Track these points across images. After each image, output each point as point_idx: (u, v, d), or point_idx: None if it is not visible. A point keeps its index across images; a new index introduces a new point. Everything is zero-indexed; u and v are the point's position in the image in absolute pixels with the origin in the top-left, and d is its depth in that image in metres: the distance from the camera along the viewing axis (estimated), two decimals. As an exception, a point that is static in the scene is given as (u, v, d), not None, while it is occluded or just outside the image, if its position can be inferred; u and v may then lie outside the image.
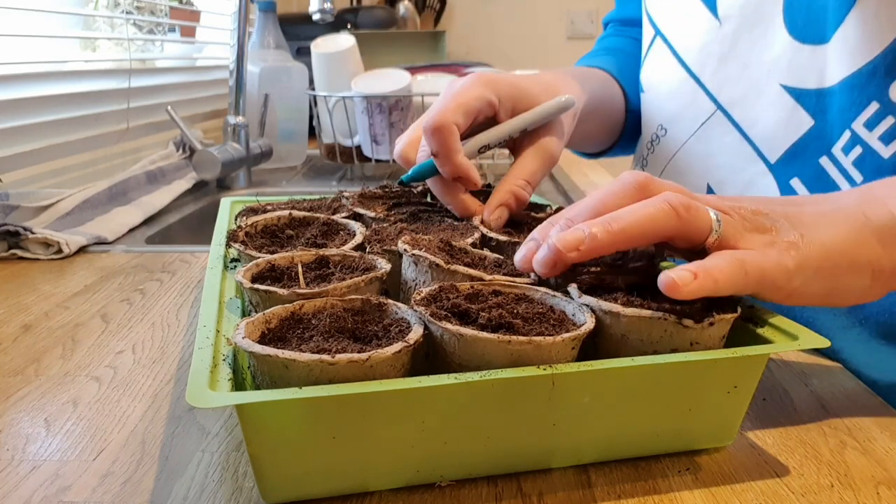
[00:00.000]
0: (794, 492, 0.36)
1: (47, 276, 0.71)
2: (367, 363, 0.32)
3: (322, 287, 0.41)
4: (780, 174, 0.57)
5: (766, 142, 0.58)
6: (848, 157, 0.53)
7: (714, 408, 0.38)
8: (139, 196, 1.02)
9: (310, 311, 0.38)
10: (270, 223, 0.57)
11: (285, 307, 0.38)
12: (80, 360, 0.51)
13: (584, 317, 0.38)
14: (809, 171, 0.55)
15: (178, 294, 0.65)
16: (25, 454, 0.39)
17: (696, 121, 0.64)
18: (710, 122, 0.62)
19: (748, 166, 0.59)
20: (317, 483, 0.34)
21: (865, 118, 0.51)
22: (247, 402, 0.31)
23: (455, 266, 0.43)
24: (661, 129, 0.69)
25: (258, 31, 1.39)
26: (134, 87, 1.22)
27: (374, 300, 0.39)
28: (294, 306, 0.38)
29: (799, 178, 0.56)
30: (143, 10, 1.43)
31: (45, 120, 1.01)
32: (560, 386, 0.34)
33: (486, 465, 0.36)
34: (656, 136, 0.70)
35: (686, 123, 0.65)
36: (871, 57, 0.50)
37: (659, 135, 0.70)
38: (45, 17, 1.13)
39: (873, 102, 0.51)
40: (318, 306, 0.39)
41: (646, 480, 0.36)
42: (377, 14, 2.10)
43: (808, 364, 0.51)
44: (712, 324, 0.37)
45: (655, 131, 0.70)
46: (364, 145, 1.20)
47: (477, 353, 0.34)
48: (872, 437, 0.41)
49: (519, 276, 0.44)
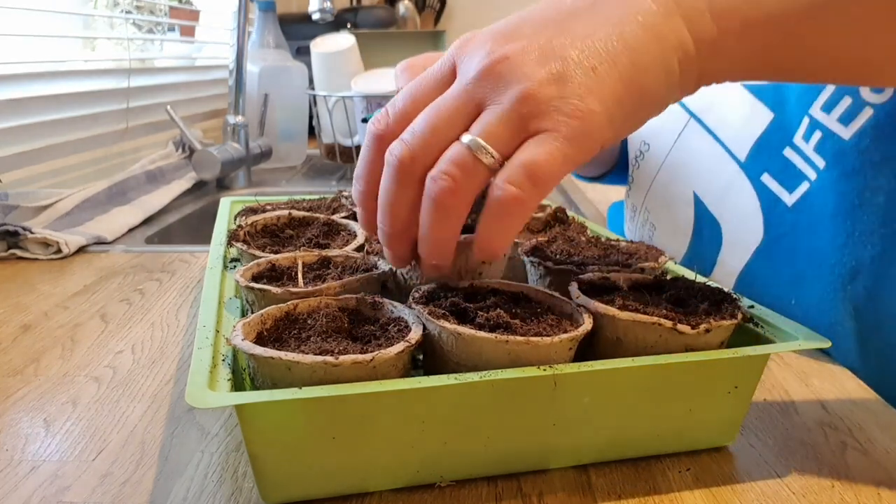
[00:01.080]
0: (794, 492, 0.36)
1: (47, 276, 0.71)
2: (371, 364, 0.32)
3: (315, 286, 0.41)
4: (751, 171, 0.58)
5: (733, 141, 0.59)
6: (809, 143, 0.53)
7: (714, 408, 0.38)
8: (139, 196, 1.02)
9: (304, 311, 0.38)
10: (270, 223, 0.57)
11: (279, 307, 0.38)
12: (80, 360, 0.51)
13: (582, 317, 0.38)
14: (777, 165, 0.56)
15: (177, 294, 0.65)
16: (25, 454, 0.39)
17: (674, 132, 0.65)
18: (686, 130, 0.64)
19: (723, 168, 0.60)
20: (317, 483, 0.34)
21: (822, 101, 0.51)
22: (246, 403, 0.31)
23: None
24: (644, 144, 0.71)
25: (258, 31, 1.39)
26: (133, 87, 1.22)
27: (368, 299, 0.39)
28: (288, 306, 0.38)
29: (769, 172, 0.56)
30: (142, 9, 1.43)
31: (45, 120, 1.00)
32: (561, 386, 0.34)
33: (486, 465, 0.36)
34: (640, 153, 0.71)
35: (666, 136, 0.67)
36: None
37: (643, 150, 0.71)
38: (45, 17, 1.13)
39: (828, 85, 0.51)
40: (313, 306, 0.39)
41: (646, 480, 0.36)
42: (377, 14, 2.10)
43: (808, 364, 0.51)
44: (708, 330, 0.37)
45: (639, 147, 0.71)
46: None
47: (474, 353, 0.34)
48: (873, 437, 0.41)
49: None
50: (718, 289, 0.42)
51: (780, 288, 0.56)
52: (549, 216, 0.61)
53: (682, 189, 0.65)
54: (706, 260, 0.63)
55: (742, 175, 0.58)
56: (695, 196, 0.64)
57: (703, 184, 0.63)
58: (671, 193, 0.67)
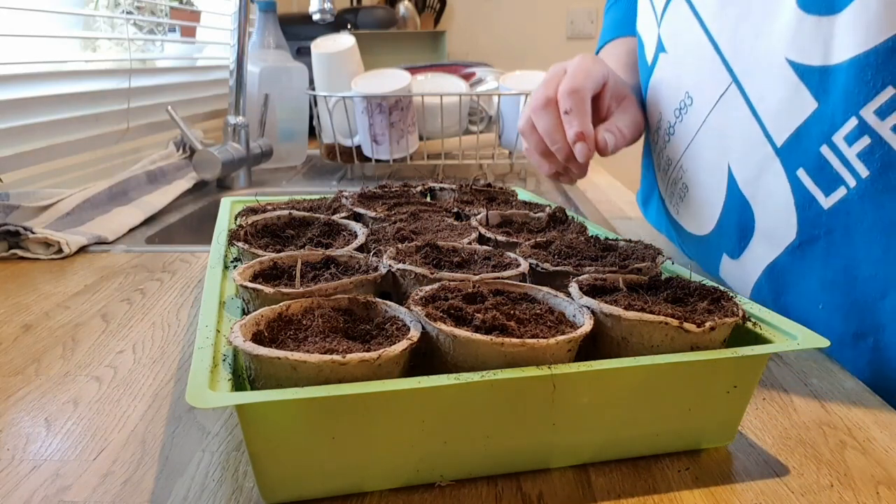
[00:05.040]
0: (793, 491, 0.36)
1: (47, 275, 0.71)
2: (377, 362, 0.32)
3: (307, 287, 0.41)
4: (787, 161, 0.53)
5: (772, 121, 0.53)
6: (852, 147, 0.48)
7: (714, 408, 0.38)
8: (139, 196, 1.02)
9: (297, 312, 0.38)
10: (270, 223, 0.57)
11: (272, 308, 0.38)
12: (81, 360, 0.51)
13: (584, 318, 0.38)
14: (813, 161, 0.51)
15: (178, 294, 0.65)
16: (26, 454, 0.39)
17: (715, 92, 0.58)
18: (727, 94, 0.57)
19: (758, 148, 0.54)
20: (316, 483, 0.34)
21: (878, 105, 0.46)
22: (247, 403, 0.31)
23: (440, 274, 0.43)
24: (687, 97, 0.63)
25: (258, 31, 1.39)
26: (134, 87, 1.22)
27: (361, 299, 0.39)
28: (281, 307, 0.38)
29: (804, 168, 0.51)
30: (143, 10, 1.43)
31: (46, 120, 1.01)
32: (560, 387, 0.34)
33: (486, 465, 0.36)
34: (683, 105, 0.64)
35: (708, 94, 0.59)
36: (892, 33, 0.44)
37: (686, 103, 0.64)
38: (46, 17, 1.13)
39: (889, 87, 0.45)
40: (305, 306, 0.39)
41: (646, 480, 0.36)
42: (377, 14, 2.10)
43: (808, 364, 0.51)
44: (714, 328, 0.37)
45: (683, 99, 0.64)
46: (364, 145, 1.20)
47: (471, 355, 0.34)
48: (872, 436, 0.41)
49: (506, 270, 0.44)
50: (714, 287, 0.42)
51: (807, 289, 0.54)
52: (548, 216, 0.61)
53: (717, 158, 0.60)
54: (733, 239, 0.59)
55: (777, 162, 0.53)
56: (728, 169, 0.58)
57: (736, 158, 0.57)
58: (706, 159, 0.61)
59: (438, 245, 0.48)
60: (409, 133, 1.19)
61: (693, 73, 0.60)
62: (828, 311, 0.53)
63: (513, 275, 0.44)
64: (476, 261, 0.47)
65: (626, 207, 1.06)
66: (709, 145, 0.61)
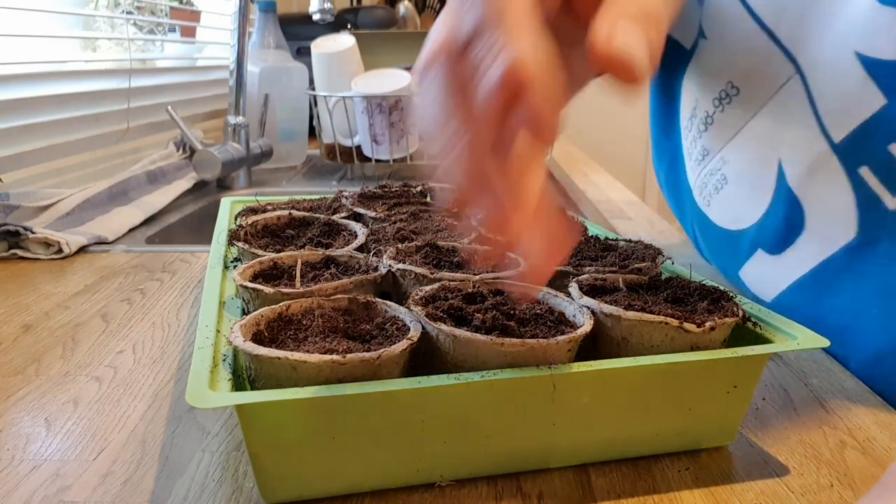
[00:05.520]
0: (793, 491, 0.36)
1: (48, 275, 0.71)
2: (377, 362, 0.32)
3: (307, 287, 0.41)
4: (846, 158, 0.50)
5: (832, 116, 0.50)
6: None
7: (714, 408, 0.38)
8: (139, 196, 1.02)
9: (297, 312, 0.38)
10: (270, 223, 0.57)
11: (272, 308, 0.38)
12: (81, 360, 0.51)
13: (584, 318, 0.38)
14: (879, 160, 0.48)
15: (178, 294, 0.65)
16: (26, 454, 0.39)
17: (774, 83, 0.55)
18: (789, 85, 0.53)
19: (812, 144, 0.52)
20: (317, 483, 0.34)
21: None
22: (247, 403, 0.31)
23: (440, 274, 0.43)
24: (731, 86, 0.59)
25: (258, 31, 1.39)
26: (134, 87, 1.22)
27: (360, 299, 0.39)
28: (281, 307, 0.38)
29: (868, 166, 0.49)
30: (143, 10, 1.43)
31: (46, 120, 1.01)
32: (560, 387, 0.34)
33: (486, 465, 0.36)
34: (726, 94, 0.60)
35: (763, 85, 0.56)
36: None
37: (730, 93, 0.60)
38: (45, 17, 1.13)
39: None
40: (305, 306, 0.39)
41: (646, 480, 0.36)
42: (377, 14, 2.10)
43: (808, 364, 0.51)
44: (714, 328, 0.37)
45: (724, 88, 0.60)
46: (364, 145, 1.20)
47: (471, 355, 0.34)
48: (872, 436, 0.41)
49: (506, 270, 0.44)
50: (714, 287, 0.42)
51: (861, 293, 0.51)
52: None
53: (768, 152, 0.56)
54: (779, 235, 0.57)
55: (834, 159, 0.50)
56: (779, 165, 0.55)
57: (788, 152, 0.54)
58: (756, 153, 0.58)
59: (438, 245, 0.48)
60: (410, 133, 1.19)
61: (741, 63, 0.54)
62: (883, 317, 0.50)
63: (513, 275, 0.44)
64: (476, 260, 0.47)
65: (626, 207, 1.06)
66: (760, 139, 0.57)
